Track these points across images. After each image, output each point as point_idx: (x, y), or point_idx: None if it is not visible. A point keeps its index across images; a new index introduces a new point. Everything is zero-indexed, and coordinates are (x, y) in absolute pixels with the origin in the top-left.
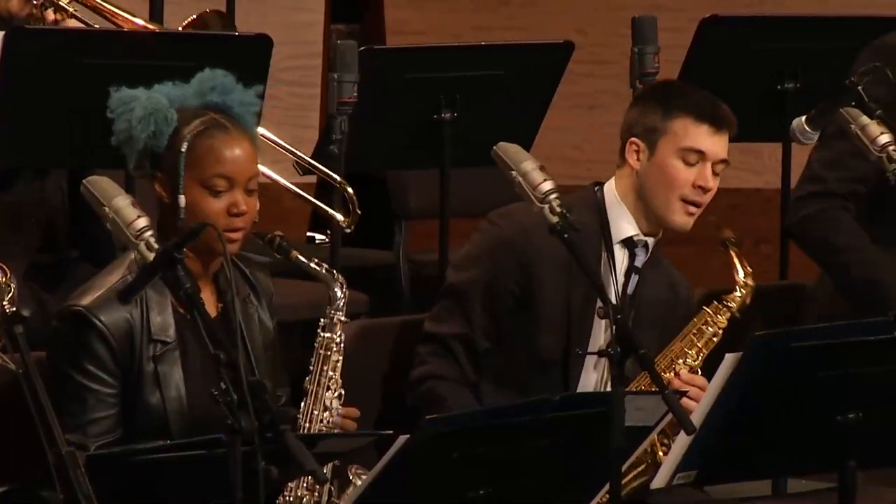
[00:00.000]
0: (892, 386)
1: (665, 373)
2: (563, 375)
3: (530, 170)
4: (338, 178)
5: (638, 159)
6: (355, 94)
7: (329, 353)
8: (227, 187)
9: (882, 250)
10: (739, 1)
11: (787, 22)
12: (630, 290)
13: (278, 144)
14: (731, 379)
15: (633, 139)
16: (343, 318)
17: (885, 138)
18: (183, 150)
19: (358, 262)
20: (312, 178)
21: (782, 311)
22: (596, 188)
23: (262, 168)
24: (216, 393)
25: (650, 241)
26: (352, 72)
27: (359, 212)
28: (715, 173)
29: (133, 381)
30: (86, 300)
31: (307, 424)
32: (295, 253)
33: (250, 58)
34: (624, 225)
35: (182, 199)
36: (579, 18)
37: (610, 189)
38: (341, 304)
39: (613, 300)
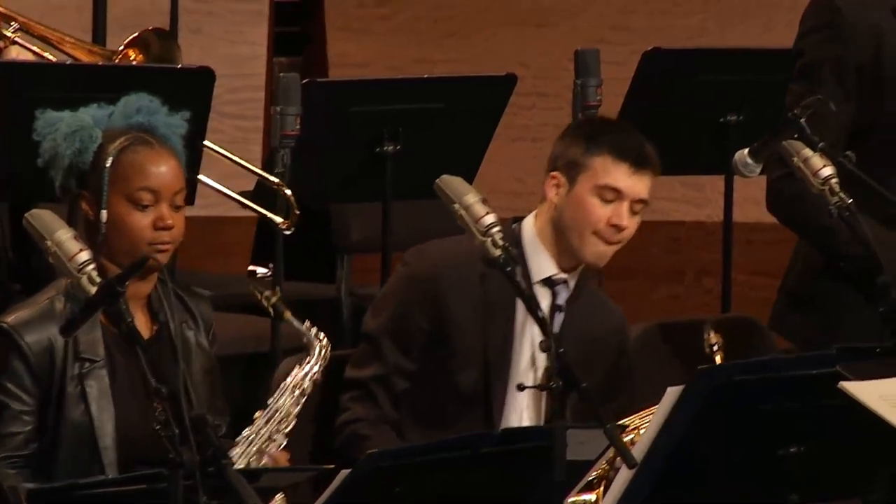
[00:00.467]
0: (833, 420)
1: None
2: (486, 412)
3: (473, 203)
4: (276, 179)
5: (557, 193)
6: (298, 126)
7: (296, 392)
8: (152, 201)
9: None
10: (681, 34)
11: (729, 55)
12: (556, 328)
13: (223, 155)
14: (673, 412)
15: (554, 172)
16: (317, 375)
17: (827, 171)
18: (108, 164)
19: (300, 296)
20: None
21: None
22: (514, 225)
23: (205, 180)
24: (157, 427)
25: (570, 278)
26: (294, 104)
27: (297, 212)
28: (634, 212)
29: (55, 398)
30: (10, 318)
31: (247, 446)
32: (288, 314)
33: (193, 90)
34: (543, 264)
35: (104, 214)
36: (522, 51)
37: (528, 226)
38: (320, 363)
39: (538, 339)
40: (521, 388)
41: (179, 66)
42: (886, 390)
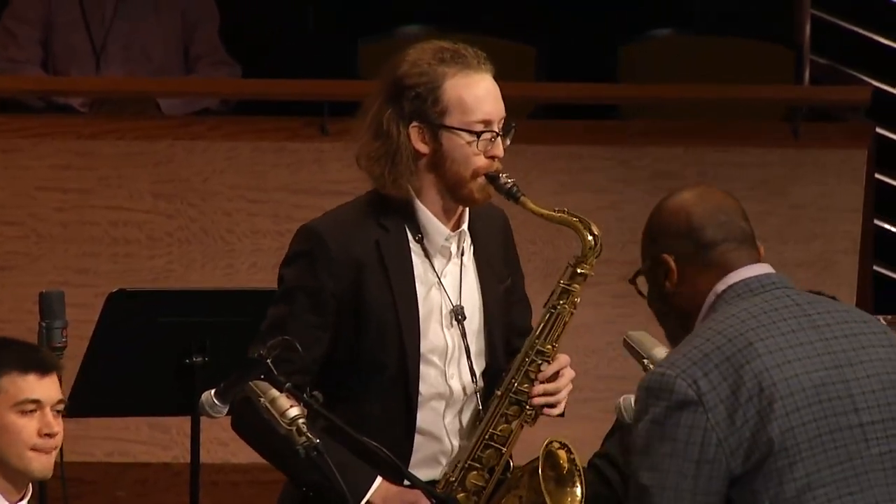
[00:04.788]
0: None
1: None
2: None
3: None
4: None
5: None
6: None
7: None
8: None
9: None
10: (147, 276)
11: (193, 296)
12: None
13: None
14: None
15: None
16: None
17: (294, 411)
18: None
19: None
20: None
21: None
22: None
23: None
24: None
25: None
26: None
27: None
28: (58, 412)
29: None
30: None
31: None
32: None
33: None
34: None
35: None
36: None
37: None
38: None
39: None
40: None
41: None
42: None
